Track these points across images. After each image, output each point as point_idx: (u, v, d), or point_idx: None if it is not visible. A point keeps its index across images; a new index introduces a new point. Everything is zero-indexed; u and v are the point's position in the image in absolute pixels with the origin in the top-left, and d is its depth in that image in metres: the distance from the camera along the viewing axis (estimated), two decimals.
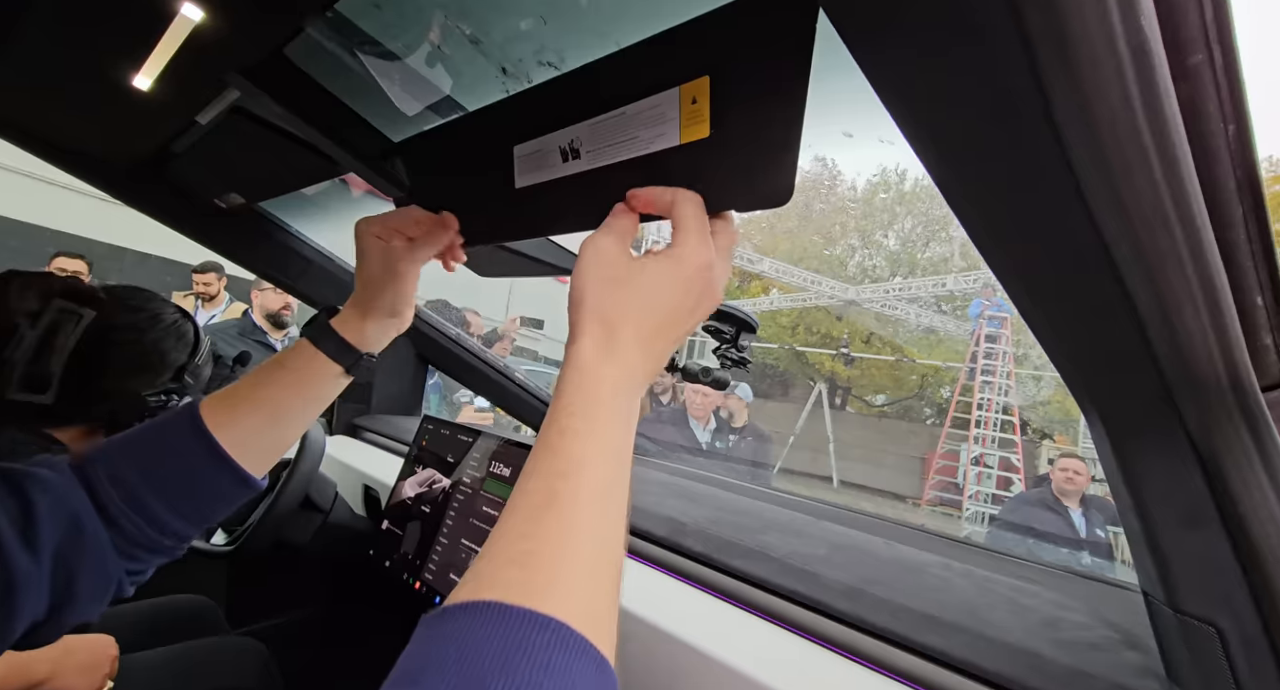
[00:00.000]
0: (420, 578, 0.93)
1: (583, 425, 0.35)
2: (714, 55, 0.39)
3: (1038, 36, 0.23)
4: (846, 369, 15.19)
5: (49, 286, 0.74)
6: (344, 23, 0.68)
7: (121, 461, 0.50)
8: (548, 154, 0.56)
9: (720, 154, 0.40)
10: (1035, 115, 0.26)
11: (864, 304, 13.53)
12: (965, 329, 13.16)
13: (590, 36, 0.53)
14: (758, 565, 0.76)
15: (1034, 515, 3.07)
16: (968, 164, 0.31)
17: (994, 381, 9.87)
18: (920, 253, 17.77)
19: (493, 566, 0.30)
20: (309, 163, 0.97)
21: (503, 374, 1.77)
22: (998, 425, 9.63)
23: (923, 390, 16.36)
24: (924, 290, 12.76)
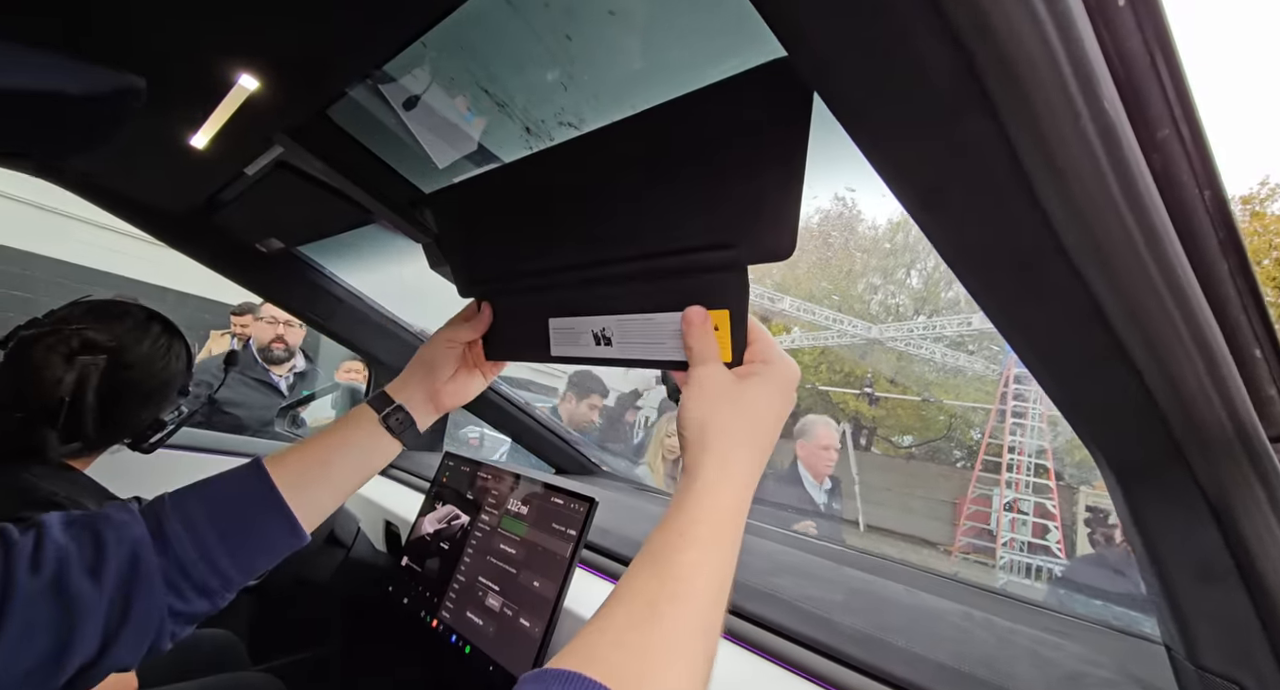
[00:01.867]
0: (437, 615, 0.94)
1: (707, 533, 0.39)
2: (720, 120, 0.43)
3: (1008, 120, 0.25)
4: (871, 409, 14.91)
5: (68, 344, 0.79)
6: (383, 88, 0.74)
7: (193, 503, 0.55)
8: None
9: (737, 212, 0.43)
10: (1019, 189, 0.28)
11: (887, 343, 13.36)
12: (994, 369, 12.88)
13: (608, 100, 0.58)
14: (769, 608, 0.75)
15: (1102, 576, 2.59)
16: (961, 230, 0.33)
17: (1026, 424, 9.58)
18: (944, 292, 17.61)
19: (603, 644, 0.32)
20: (344, 210, 1.03)
21: (522, 411, 1.80)
22: (1031, 469, 9.29)
23: (951, 431, 15.92)
24: (949, 329, 12.58)
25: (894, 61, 0.26)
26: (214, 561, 0.54)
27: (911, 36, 0.24)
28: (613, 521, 1.07)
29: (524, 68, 0.57)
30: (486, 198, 0.75)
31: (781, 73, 0.37)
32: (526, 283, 0.71)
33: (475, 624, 0.87)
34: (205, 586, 0.54)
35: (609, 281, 0.56)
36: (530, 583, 0.85)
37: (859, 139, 0.32)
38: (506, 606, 0.85)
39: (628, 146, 0.50)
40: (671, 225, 0.48)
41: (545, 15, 0.49)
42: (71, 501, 0.75)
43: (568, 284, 0.63)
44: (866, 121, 0.30)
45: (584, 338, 0.60)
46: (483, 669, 0.82)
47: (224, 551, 0.54)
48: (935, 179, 0.31)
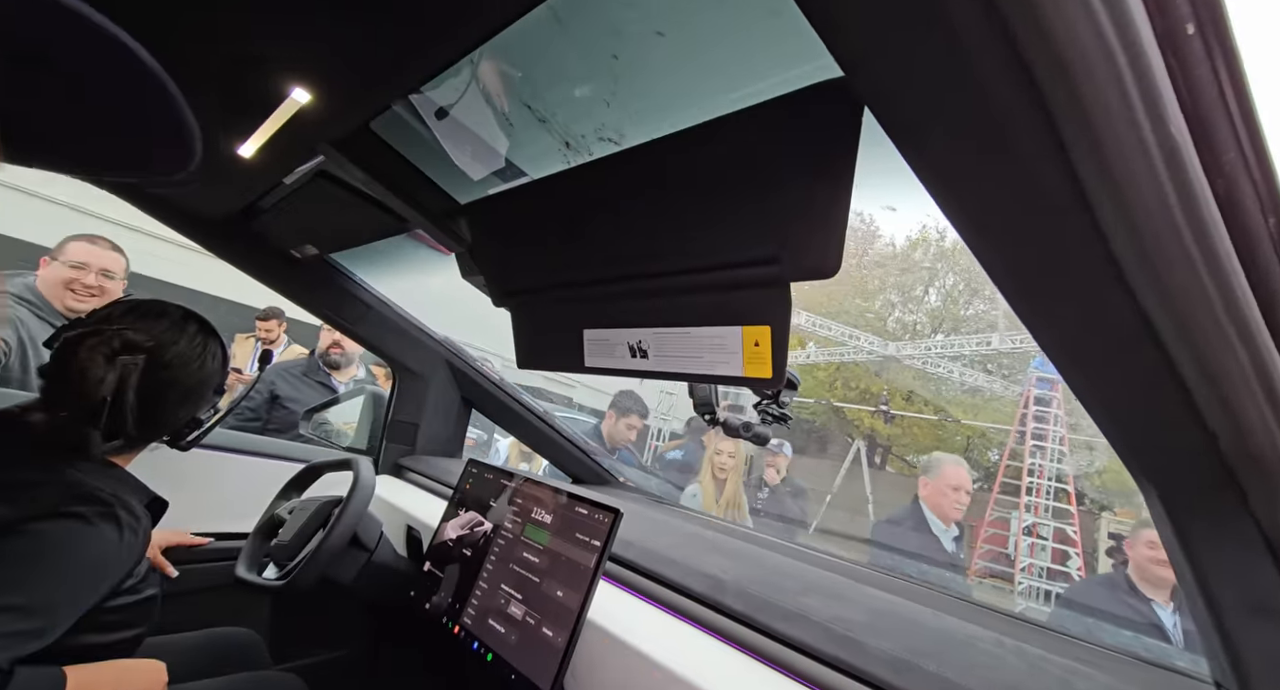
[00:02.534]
0: (459, 621, 0.94)
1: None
2: (769, 138, 0.43)
3: (1073, 146, 0.25)
4: (886, 427, 14.70)
5: (110, 344, 0.81)
6: (426, 101, 0.76)
7: None
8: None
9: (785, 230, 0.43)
10: (1075, 210, 0.28)
11: (904, 360, 13.21)
12: (1014, 390, 12.66)
13: (649, 117, 0.59)
14: (799, 628, 0.74)
15: (1103, 603, 2.24)
16: (1009, 248, 0.33)
17: (1046, 446, 9.37)
18: (963, 310, 17.40)
19: None
20: (380, 219, 1.06)
21: (542, 420, 1.81)
22: (1050, 493, 9.07)
23: (968, 452, 15.63)
24: (967, 348, 12.40)
25: (959, 88, 0.26)
26: None
27: (979, 65, 0.24)
28: (634, 533, 1.07)
29: (568, 84, 0.59)
30: (523, 210, 0.76)
31: (833, 92, 0.38)
32: (561, 294, 0.72)
33: (497, 632, 0.88)
34: None
35: (647, 295, 0.57)
36: (553, 592, 0.85)
37: (913, 159, 0.32)
38: (529, 615, 0.85)
39: (673, 162, 0.51)
40: (714, 241, 0.48)
41: (593, 35, 0.50)
42: (115, 497, 0.76)
43: (604, 296, 0.63)
44: (923, 143, 0.31)
45: (619, 350, 0.61)
46: (504, 677, 0.82)
47: None
48: (991, 200, 0.31)
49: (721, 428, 0.91)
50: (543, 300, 0.73)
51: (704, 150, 0.48)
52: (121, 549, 0.76)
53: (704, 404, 0.90)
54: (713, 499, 2.89)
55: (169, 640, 1.05)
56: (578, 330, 0.66)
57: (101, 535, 0.74)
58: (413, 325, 1.71)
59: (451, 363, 1.78)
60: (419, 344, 1.73)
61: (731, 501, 2.93)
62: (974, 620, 0.82)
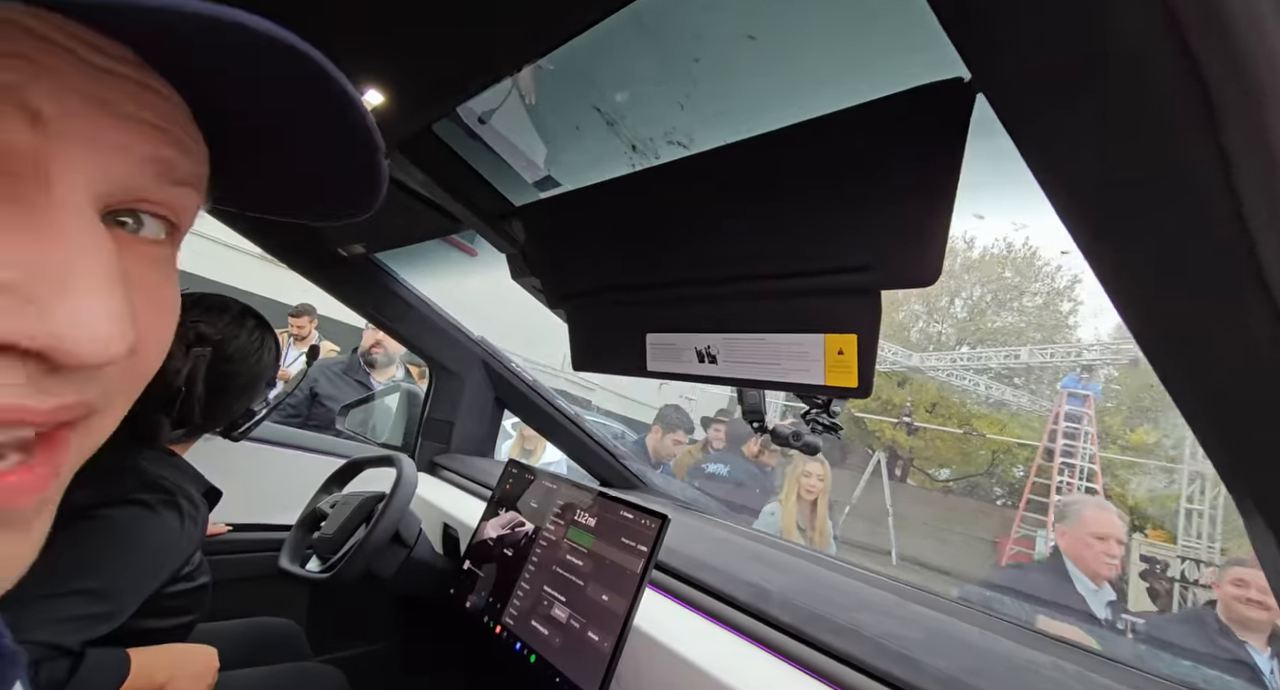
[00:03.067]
0: (500, 621, 0.94)
1: None
2: (868, 141, 0.43)
3: (1235, 154, 0.24)
4: (909, 439, 14.47)
5: (186, 336, 0.83)
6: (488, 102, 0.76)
7: None
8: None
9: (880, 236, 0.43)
10: (1228, 221, 0.27)
11: (928, 372, 13.01)
12: (1041, 405, 12.38)
13: (724, 121, 0.58)
14: (850, 643, 0.72)
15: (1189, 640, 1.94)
16: (1139, 257, 0.32)
17: (1075, 464, 9.13)
18: (990, 322, 17.07)
19: None
20: (433, 220, 1.07)
21: (573, 422, 1.81)
22: None
23: (993, 468, 15.30)
24: (994, 361, 12.17)
25: (1118, 96, 0.25)
26: None
27: (1144, 68, 0.24)
28: (671, 539, 1.07)
29: (642, 88, 0.59)
30: (583, 212, 0.76)
31: (941, 93, 0.37)
32: (622, 297, 0.72)
33: (540, 633, 0.87)
34: None
35: (717, 300, 0.56)
36: (598, 596, 0.84)
37: (1041, 164, 0.31)
38: (574, 618, 0.85)
39: (753, 167, 0.50)
40: (796, 247, 0.48)
41: (677, 38, 0.50)
42: (177, 486, 0.78)
43: (669, 300, 0.63)
44: (1059, 146, 0.30)
45: (685, 354, 0.60)
46: (548, 680, 0.82)
47: None
48: (1125, 209, 0.30)
49: (770, 436, 0.90)
50: (602, 303, 0.73)
51: (790, 155, 0.47)
52: (182, 537, 0.78)
53: (753, 411, 0.89)
54: (794, 523, 2.66)
55: (214, 628, 1.07)
56: (640, 334, 0.66)
57: (165, 523, 0.75)
58: (450, 325, 1.73)
59: (487, 363, 1.80)
60: (456, 343, 1.75)
61: (819, 527, 2.70)
62: (1030, 645, 0.80)
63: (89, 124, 0.19)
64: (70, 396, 0.19)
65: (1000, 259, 17.08)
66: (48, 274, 0.18)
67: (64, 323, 0.18)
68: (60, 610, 0.63)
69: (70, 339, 0.18)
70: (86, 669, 0.64)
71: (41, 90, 0.18)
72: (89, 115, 0.19)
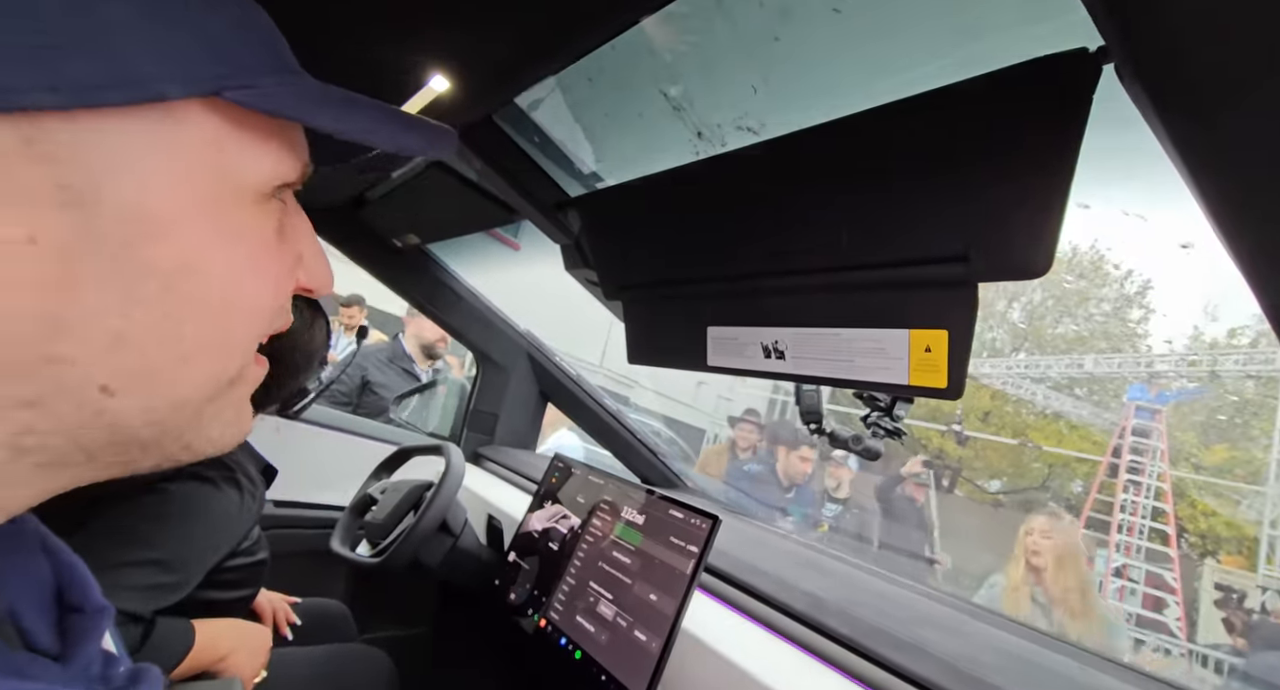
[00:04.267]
0: (545, 615, 0.94)
1: None
2: (958, 125, 0.39)
3: None
4: (958, 448, 13.92)
5: None
6: (553, 93, 0.75)
7: None
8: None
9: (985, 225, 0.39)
10: None
11: (981, 378, 12.47)
12: (1105, 418, 11.71)
13: (799, 105, 0.55)
14: (915, 661, 0.68)
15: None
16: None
17: (1143, 482, 8.57)
18: (1050, 328, 16.23)
19: None
20: (489, 210, 1.07)
21: (615, 418, 1.80)
22: (1145, 533, 8.29)
23: (1049, 481, 14.56)
24: (1054, 369, 11.57)
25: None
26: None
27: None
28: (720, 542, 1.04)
29: (715, 71, 0.56)
30: (642, 202, 0.74)
31: (1063, 68, 0.33)
32: (683, 289, 0.70)
33: (586, 630, 0.86)
34: None
35: (790, 292, 0.54)
36: (646, 595, 0.82)
37: (1186, 150, 0.27)
38: (620, 616, 0.83)
39: (832, 152, 0.47)
40: (881, 237, 0.44)
41: (757, 15, 0.47)
42: (237, 463, 0.81)
43: (733, 293, 0.60)
44: (1208, 129, 0.26)
45: (750, 349, 0.57)
46: (593, 677, 0.81)
47: None
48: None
49: (829, 439, 0.86)
50: (661, 295, 0.71)
51: (875, 139, 0.44)
52: (241, 511, 0.80)
53: (811, 412, 0.86)
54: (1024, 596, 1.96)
55: None
56: (701, 327, 0.63)
57: (226, 498, 0.78)
58: (497, 317, 1.75)
59: (532, 355, 1.81)
60: (502, 335, 1.76)
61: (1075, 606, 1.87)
62: (1116, 675, 0.74)
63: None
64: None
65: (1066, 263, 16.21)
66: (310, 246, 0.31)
67: (327, 272, 0.32)
68: (132, 579, 0.65)
69: (329, 282, 0.32)
70: (157, 636, 0.67)
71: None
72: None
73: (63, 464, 0.24)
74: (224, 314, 0.26)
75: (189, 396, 0.26)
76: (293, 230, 0.31)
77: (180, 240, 0.24)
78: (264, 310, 0.28)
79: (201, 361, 0.26)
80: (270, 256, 0.28)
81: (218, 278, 0.25)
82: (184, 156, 0.24)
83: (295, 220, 0.31)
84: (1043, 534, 2.07)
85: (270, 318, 0.29)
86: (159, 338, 0.24)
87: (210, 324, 0.26)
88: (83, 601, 0.29)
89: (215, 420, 0.28)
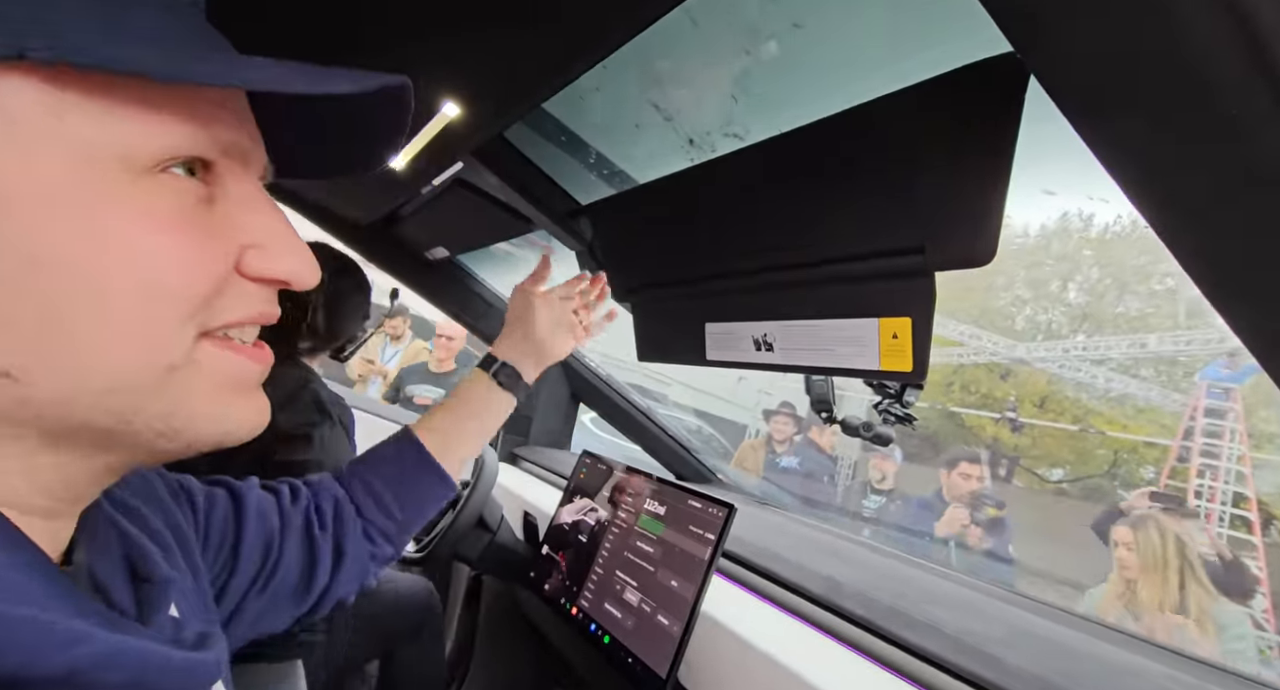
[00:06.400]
0: (576, 604, 0.99)
1: None
2: (916, 123, 0.42)
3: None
4: (1014, 436, 13.37)
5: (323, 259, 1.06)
6: (557, 110, 0.80)
7: (367, 472, 0.66)
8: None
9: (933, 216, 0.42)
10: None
11: (1035, 363, 11.95)
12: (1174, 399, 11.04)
13: (776, 111, 0.58)
14: (927, 638, 0.70)
15: None
16: (1214, 232, 0.30)
17: (1220, 465, 8.05)
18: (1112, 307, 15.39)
19: None
20: (508, 221, 1.13)
21: (647, 416, 1.84)
22: (1225, 520, 7.78)
23: (1115, 468, 13.82)
24: (1116, 350, 10.98)
25: (1163, 61, 0.24)
26: (391, 513, 0.64)
27: (1194, 41, 0.22)
28: (744, 532, 1.07)
29: (696, 83, 0.60)
30: (644, 208, 0.78)
31: (991, 71, 0.36)
32: (683, 289, 0.74)
33: (614, 616, 0.91)
34: (388, 533, 0.64)
35: (771, 288, 0.57)
36: (668, 581, 0.86)
37: (1098, 140, 0.30)
38: (644, 602, 0.88)
39: (803, 155, 0.50)
40: (848, 232, 0.47)
41: (728, 32, 0.51)
42: (335, 404, 1.06)
43: (726, 290, 0.64)
44: (1114, 121, 0.28)
45: (743, 343, 0.61)
46: (620, 660, 0.85)
47: (397, 505, 0.64)
48: (1194, 184, 0.28)
49: (840, 426, 0.88)
50: (664, 295, 0.75)
51: (840, 140, 0.47)
52: (347, 442, 1.06)
53: (821, 401, 0.88)
54: (1120, 605, 1.92)
55: None
56: (700, 324, 0.67)
57: (339, 433, 1.03)
58: None
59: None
60: None
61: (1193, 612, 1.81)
62: (1136, 651, 0.73)
63: (256, 150, 0.31)
64: (276, 305, 0.32)
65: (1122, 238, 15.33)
66: (275, 235, 0.30)
67: (300, 262, 0.31)
68: None
69: (304, 273, 0.31)
70: None
71: (244, 139, 0.29)
72: (255, 143, 0.31)
73: (41, 449, 0.26)
74: (120, 297, 0.25)
75: (113, 383, 0.25)
76: (233, 214, 0.29)
77: (28, 217, 0.23)
78: (179, 295, 0.26)
79: (110, 346, 0.25)
80: (177, 237, 0.26)
81: (92, 259, 0.24)
82: (15, 129, 0.22)
83: (241, 204, 0.29)
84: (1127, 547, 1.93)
85: (198, 304, 0.27)
86: (39, 320, 0.23)
87: (102, 307, 0.24)
88: (151, 572, 0.34)
89: (182, 408, 0.28)
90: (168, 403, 0.27)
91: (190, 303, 0.27)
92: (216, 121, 0.27)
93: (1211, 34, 0.22)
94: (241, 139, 0.29)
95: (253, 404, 0.32)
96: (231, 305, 0.29)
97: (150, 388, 0.27)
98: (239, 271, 0.29)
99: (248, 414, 0.31)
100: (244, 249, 0.29)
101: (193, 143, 0.26)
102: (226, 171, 0.29)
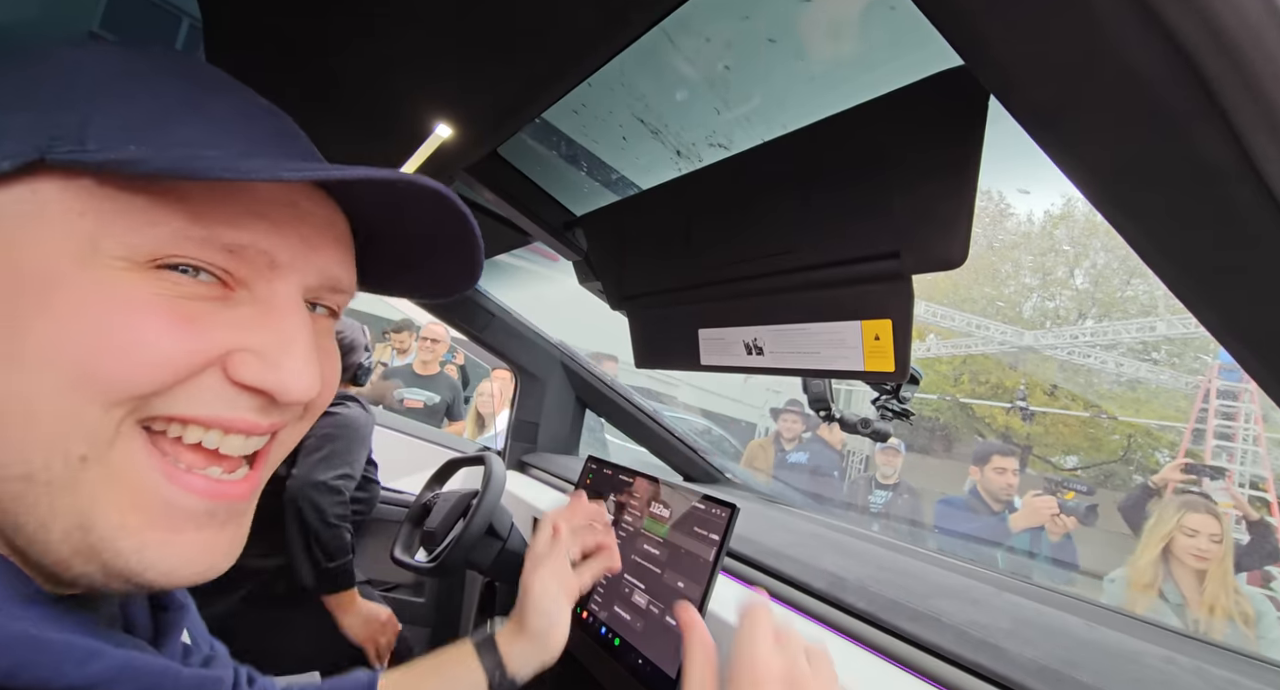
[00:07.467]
0: (587, 607, 1.00)
1: None
2: (888, 132, 0.43)
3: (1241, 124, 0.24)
4: (1025, 425, 13.28)
5: None
6: (548, 125, 0.82)
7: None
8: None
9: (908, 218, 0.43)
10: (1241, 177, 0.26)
11: (1044, 350, 11.88)
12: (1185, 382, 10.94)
13: (759, 121, 0.60)
14: (929, 630, 0.71)
15: None
16: (1167, 227, 0.31)
17: (1235, 447, 7.98)
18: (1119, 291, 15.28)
19: None
20: (505, 235, 1.16)
21: (652, 419, 1.86)
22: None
23: (1129, 453, 13.70)
24: (1125, 335, 10.90)
25: (1096, 69, 0.26)
26: None
27: (1118, 43, 0.24)
28: (751, 531, 1.08)
29: (679, 97, 0.62)
30: (637, 218, 0.80)
31: (954, 81, 0.37)
32: (675, 296, 0.75)
33: (623, 618, 0.93)
34: None
35: (760, 293, 0.58)
36: (675, 583, 0.88)
37: (1051, 146, 0.31)
38: (653, 604, 0.89)
39: (784, 164, 0.52)
40: (830, 238, 0.49)
41: (705, 49, 0.52)
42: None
43: (717, 297, 0.66)
44: (1062, 127, 0.30)
45: (735, 348, 0.62)
46: (631, 661, 0.87)
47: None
48: (1142, 182, 0.29)
49: (839, 424, 0.90)
50: (658, 303, 0.77)
51: (816, 150, 0.48)
52: (371, 423, 1.17)
53: (818, 400, 0.89)
54: (1149, 590, 1.81)
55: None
56: (693, 330, 0.69)
57: (364, 414, 1.15)
58: (531, 331, 1.84)
59: (566, 365, 1.89)
60: (536, 348, 1.85)
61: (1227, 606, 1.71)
62: (1136, 635, 0.74)
63: (301, 257, 0.30)
64: (276, 418, 0.30)
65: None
66: (280, 344, 0.29)
67: (289, 374, 0.29)
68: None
69: (291, 386, 0.29)
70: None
71: (276, 244, 0.28)
72: (301, 251, 0.30)
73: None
74: (36, 371, 0.24)
75: (21, 464, 0.24)
76: (244, 317, 0.28)
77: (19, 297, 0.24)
78: (108, 379, 0.24)
79: (18, 421, 0.24)
80: (137, 325, 0.25)
81: (19, 330, 0.24)
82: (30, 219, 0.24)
83: (258, 308, 0.29)
84: (1211, 537, 1.78)
85: (131, 391, 0.25)
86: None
87: (14, 379, 0.24)
88: (169, 601, 0.37)
89: (97, 517, 0.25)
90: (81, 501, 0.25)
91: (121, 389, 0.25)
92: (223, 223, 0.26)
93: (1136, 39, 0.24)
94: (266, 243, 0.28)
95: (194, 540, 0.28)
96: (185, 399, 0.26)
97: (61, 481, 0.25)
98: (226, 374, 0.28)
99: (182, 551, 0.27)
100: (234, 352, 0.27)
101: (174, 243, 0.25)
102: (254, 276, 0.28)
